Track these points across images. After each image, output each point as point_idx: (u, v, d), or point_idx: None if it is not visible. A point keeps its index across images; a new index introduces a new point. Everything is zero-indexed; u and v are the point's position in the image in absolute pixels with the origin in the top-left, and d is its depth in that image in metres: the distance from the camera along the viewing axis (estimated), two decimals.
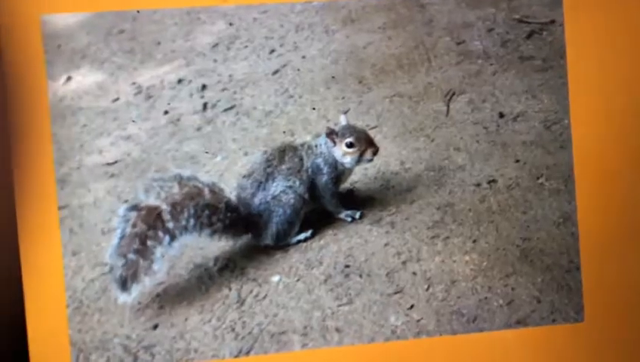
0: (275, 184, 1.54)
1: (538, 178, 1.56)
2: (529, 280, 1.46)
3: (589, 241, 1.48)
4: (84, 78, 1.42)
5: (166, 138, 1.53)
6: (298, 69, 1.58)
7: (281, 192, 1.54)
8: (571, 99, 1.50)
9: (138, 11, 1.38)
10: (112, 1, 1.46)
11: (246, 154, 1.59)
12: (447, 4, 1.53)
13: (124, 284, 1.42)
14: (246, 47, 1.53)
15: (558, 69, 1.50)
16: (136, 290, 1.43)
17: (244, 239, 1.57)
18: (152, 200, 1.47)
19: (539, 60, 1.59)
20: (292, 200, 1.54)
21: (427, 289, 1.46)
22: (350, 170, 1.59)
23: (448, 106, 1.59)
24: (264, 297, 1.47)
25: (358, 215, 1.58)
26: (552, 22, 1.56)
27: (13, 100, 1.37)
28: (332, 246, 1.54)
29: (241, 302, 1.47)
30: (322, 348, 1.41)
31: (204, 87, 1.53)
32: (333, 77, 1.59)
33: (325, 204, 1.58)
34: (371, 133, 1.56)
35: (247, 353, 1.40)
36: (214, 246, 1.55)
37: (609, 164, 1.50)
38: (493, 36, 1.58)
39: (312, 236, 1.56)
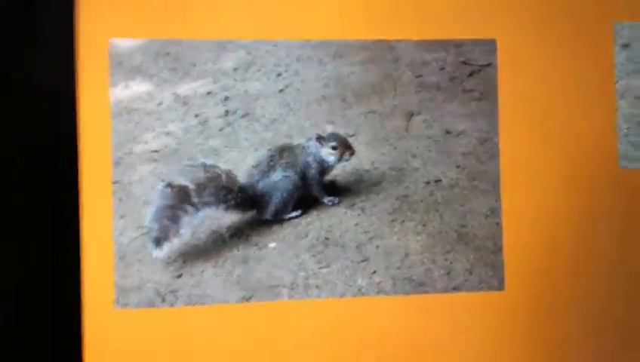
0: (275, 173, 1.66)
1: (473, 180, 1.66)
2: (464, 256, 1.58)
3: (509, 229, 1.62)
4: (137, 87, 1.51)
5: (196, 135, 1.60)
6: (298, 89, 1.66)
7: (280, 180, 1.65)
8: (500, 122, 1.64)
9: (181, 40, 1.51)
10: (161, 32, 1.55)
11: (255, 150, 1.67)
12: (409, 47, 1.62)
13: (157, 243, 1.53)
14: (259, 70, 1.61)
15: (491, 100, 1.61)
16: (166, 248, 1.54)
17: (250, 214, 1.66)
18: (182, 181, 1.57)
19: (477, 93, 1.67)
20: (288, 187, 1.65)
21: (386, 260, 1.58)
22: (333, 167, 1.68)
23: (408, 123, 1.69)
24: (263, 259, 1.58)
25: (337, 200, 1.69)
26: (489, 64, 1.65)
27: (85, 101, 1.50)
28: (316, 223, 1.64)
29: (245, 261, 1.57)
30: (305, 299, 1.53)
31: (226, 98, 1.61)
32: (323, 96, 1.67)
33: (312, 191, 1.68)
34: (350, 140, 1.66)
35: (248, 300, 1.52)
36: (227, 218, 1.63)
37: (527, 172, 1.64)
38: (444, 73, 1.66)
39: (301, 215, 1.66)
